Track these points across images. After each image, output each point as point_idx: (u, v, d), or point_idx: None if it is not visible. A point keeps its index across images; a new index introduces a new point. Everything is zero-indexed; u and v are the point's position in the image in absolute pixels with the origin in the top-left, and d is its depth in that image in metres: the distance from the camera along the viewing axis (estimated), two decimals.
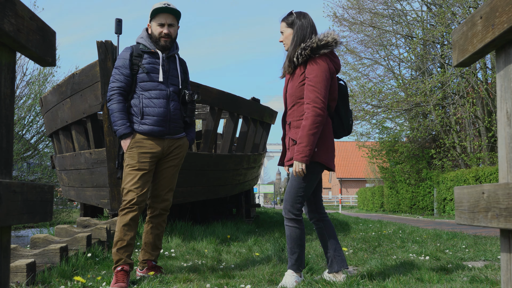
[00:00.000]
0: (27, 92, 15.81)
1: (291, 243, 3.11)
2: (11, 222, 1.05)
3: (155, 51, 3.34)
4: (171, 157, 3.39)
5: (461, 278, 3.30)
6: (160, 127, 3.28)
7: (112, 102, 3.24)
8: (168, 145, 3.35)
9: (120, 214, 3.23)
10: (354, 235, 6.92)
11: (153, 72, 3.30)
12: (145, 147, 3.25)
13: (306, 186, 3.04)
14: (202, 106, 8.10)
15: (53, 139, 6.81)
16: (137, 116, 3.25)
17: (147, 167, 3.25)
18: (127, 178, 3.22)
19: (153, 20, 3.37)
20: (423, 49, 17.43)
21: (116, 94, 3.25)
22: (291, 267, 3.10)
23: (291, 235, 3.10)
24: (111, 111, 3.23)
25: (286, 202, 3.10)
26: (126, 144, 3.24)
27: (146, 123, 3.25)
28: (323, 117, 2.97)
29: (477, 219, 1.25)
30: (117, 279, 3.08)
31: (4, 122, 1.10)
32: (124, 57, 3.30)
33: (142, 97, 3.26)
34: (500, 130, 1.23)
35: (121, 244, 3.18)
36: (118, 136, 3.24)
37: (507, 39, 1.18)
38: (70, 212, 17.14)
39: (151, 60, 3.32)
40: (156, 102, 3.27)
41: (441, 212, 17.02)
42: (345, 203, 47.52)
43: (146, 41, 3.36)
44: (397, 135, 20.02)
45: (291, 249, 3.11)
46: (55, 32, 1.30)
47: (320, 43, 3.01)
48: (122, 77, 3.27)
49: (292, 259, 3.10)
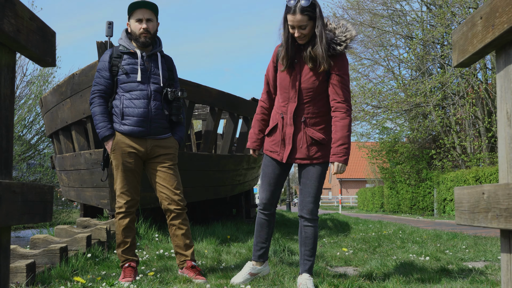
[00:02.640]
0: (27, 93, 15.82)
1: (312, 244, 3.01)
2: (11, 222, 1.05)
3: (134, 51, 3.31)
4: (160, 159, 3.33)
5: (461, 278, 3.30)
6: (140, 127, 3.25)
7: (93, 105, 3.27)
8: (152, 146, 3.29)
9: (117, 217, 3.29)
10: (354, 236, 6.92)
11: (132, 72, 3.28)
12: (127, 147, 3.25)
13: (322, 186, 3.04)
14: (202, 106, 8.10)
15: (53, 139, 6.81)
16: (118, 117, 3.26)
17: (132, 166, 3.25)
18: (116, 180, 3.28)
19: (131, 17, 3.31)
20: (423, 49, 17.43)
21: (97, 97, 3.27)
22: (310, 271, 3.02)
23: (314, 236, 3.01)
24: (93, 114, 3.27)
25: (311, 204, 2.98)
26: (109, 146, 3.26)
27: (126, 123, 3.24)
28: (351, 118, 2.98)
29: (477, 220, 1.25)
30: (125, 274, 3.24)
31: (4, 122, 1.10)
32: (103, 60, 3.31)
33: (123, 98, 3.26)
34: (500, 131, 1.23)
35: (124, 245, 3.31)
36: (101, 138, 3.27)
37: (507, 40, 1.18)
38: (70, 212, 17.14)
39: (130, 60, 3.30)
40: (136, 103, 3.25)
41: (441, 212, 17.02)
42: (345, 204, 47.50)
43: (125, 41, 3.33)
44: (397, 135, 20.04)
45: (311, 251, 3.01)
46: (55, 33, 1.30)
47: (352, 38, 2.87)
48: (102, 80, 3.28)
49: (311, 261, 3.02)
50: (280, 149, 3.03)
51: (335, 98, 2.89)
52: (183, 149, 5.90)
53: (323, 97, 2.95)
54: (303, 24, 2.80)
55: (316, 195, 2.99)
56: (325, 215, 14.22)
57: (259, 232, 3.18)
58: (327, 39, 2.83)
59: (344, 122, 2.87)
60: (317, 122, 2.95)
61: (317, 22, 2.82)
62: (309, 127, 2.95)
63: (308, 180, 2.99)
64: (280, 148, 3.03)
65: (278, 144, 3.03)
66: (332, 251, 4.89)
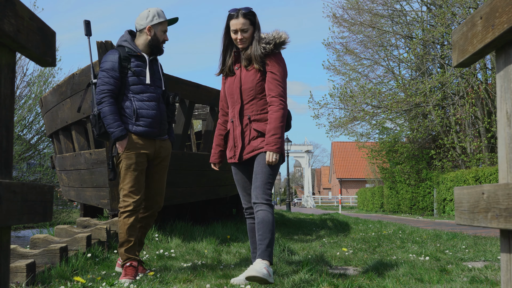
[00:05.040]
0: (27, 93, 15.81)
1: (264, 228, 2.96)
2: (11, 222, 1.05)
3: (141, 54, 3.41)
4: (160, 159, 3.50)
5: (461, 278, 3.30)
6: (153, 128, 3.38)
7: (104, 105, 3.28)
8: (158, 147, 3.46)
9: (122, 216, 3.32)
10: (354, 236, 6.92)
11: (140, 75, 3.39)
12: (140, 148, 3.35)
13: (275, 174, 3.10)
14: (202, 106, 8.10)
15: (53, 139, 6.81)
16: (131, 118, 3.33)
17: (143, 167, 3.38)
18: (126, 179, 3.32)
19: (159, 25, 3.45)
20: (422, 49, 17.43)
21: (108, 97, 3.28)
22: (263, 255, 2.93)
23: (265, 220, 2.96)
24: (104, 114, 3.28)
25: (259, 188, 3.02)
26: (123, 146, 3.31)
27: (140, 124, 3.33)
28: (287, 110, 3.15)
29: (477, 220, 1.25)
30: (126, 273, 3.27)
31: (4, 122, 1.10)
32: (113, 60, 3.33)
33: (134, 99, 3.34)
34: (500, 131, 1.23)
35: (128, 244, 3.34)
36: (114, 138, 3.28)
37: (507, 40, 1.18)
38: (70, 212, 17.13)
39: (138, 63, 3.40)
40: (149, 105, 3.37)
41: (441, 212, 17.02)
42: (345, 204, 47.51)
43: (131, 44, 3.41)
44: (397, 135, 20.04)
45: (263, 235, 2.95)
46: (55, 33, 1.30)
47: (281, 39, 3.13)
48: (112, 80, 3.30)
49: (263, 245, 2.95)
50: (233, 152, 3.21)
51: (269, 93, 3.10)
52: (183, 149, 5.90)
53: (264, 96, 3.14)
54: (245, 27, 3.10)
55: (264, 180, 3.03)
56: (325, 215, 14.22)
57: (253, 238, 3.26)
58: (260, 41, 3.13)
59: (277, 114, 3.04)
60: (261, 118, 3.13)
61: (255, 28, 3.15)
62: (254, 122, 3.13)
63: (257, 168, 3.08)
64: (234, 151, 3.21)
65: (232, 149, 3.22)
66: (332, 251, 4.89)
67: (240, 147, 3.16)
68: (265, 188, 3.03)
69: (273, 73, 3.11)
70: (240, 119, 3.17)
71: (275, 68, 3.12)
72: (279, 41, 3.13)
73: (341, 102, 18.17)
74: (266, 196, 3.02)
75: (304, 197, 54.01)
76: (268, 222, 2.97)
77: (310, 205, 49.53)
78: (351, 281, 3.03)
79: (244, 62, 3.16)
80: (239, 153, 3.16)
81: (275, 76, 3.10)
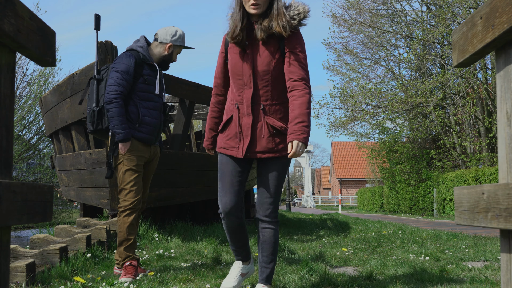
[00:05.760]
0: (27, 93, 15.81)
1: (271, 249, 2.67)
2: (10, 222, 1.05)
3: (153, 64, 3.55)
4: (151, 164, 3.66)
5: (461, 278, 3.30)
6: (152, 136, 3.53)
7: (115, 106, 3.35)
8: (153, 152, 3.62)
9: (122, 215, 3.39)
10: (354, 236, 6.92)
11: (150, 83, 3.51)
12: (140, 151, 3.48)
13: (283, 184, 2.70)
14: (202, 106, 8.10)
15: (53, 139, 6.81)
16: (134, 123, 3.43)
17: (142, 169, 3.53)
18: (127, 179, 3.41)
19: (178, 48, 3.64)
20: (423, 49, 17.43)
21: (119, 98, 3.37)
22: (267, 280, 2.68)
23: (273, 240, 2.68)
24: (112, 114, 3.35)
25: (271, 205, 2.65)
26: (127, 147, 3.40)
27: (142, 131, 3.46)
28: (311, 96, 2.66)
29: (477, 220, 1.25)
30: (126, 272, 3.30)
31: (4, 122, 1.10)
32: (129, 64, 3.42)
33: (139, 105, 3.45)
34: (500, 131, 1.23)
35: (127, 243, 3.39)
36: (119, 139, 3.36)
37: (507, 40, 1.18)
38: (70, 212, 17.14)
39: (150, 72, 3.52)
40: (153, 113, 3.52)
41: (441, 212, 17.02)
42: (345, 204, 47.52)
43: (146, 52, 3.53)
44: (397, 135, 20.04)
45: (269, 257, 2.67)
46: (55, 33, 1.30)
47: (306, 15, 2.63)
48: (125, 83, 3.39)
49: (269, 269, 2.68)
50: (236, 143, 2.66)
51: (291, 77, 2.59)
52: (183, 149, 5.90)
53: (281, 81, 2.65)
54: None
55: (276, 194, 2.65)
56: (325, 215, 14.22)
57: (236, 238, 2.81)
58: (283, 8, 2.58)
59: (302, 99, 2.55)
60: (277, 110, 2.63)
61: None
62: (269, 116, 2.62)
63: (269, 177, 2.64)
64: (237, 142, 2.65)
65: (234, 139, 2.66)
66: (332, 251, 4.89)
67: (249, 141, 2.62)
68: (277, 204, 2.67)
69: (295, 53, 2.60)
70: (251, 108, 2.62)
71: (297, 48, 2.61)
72: (303, 17, 2.62)
73: (341, 102, 18.19)
74: (277, 214, 2.69)
75: (304, 197, 54.01)
76: (276, 243, 2.69)
77: (310, 205, 49.54)
78: (351, 281, 3.03)
79: (260, 33, 2.57)
80: (246, 147, 2.62)
81: (298, 57, 2.60)
